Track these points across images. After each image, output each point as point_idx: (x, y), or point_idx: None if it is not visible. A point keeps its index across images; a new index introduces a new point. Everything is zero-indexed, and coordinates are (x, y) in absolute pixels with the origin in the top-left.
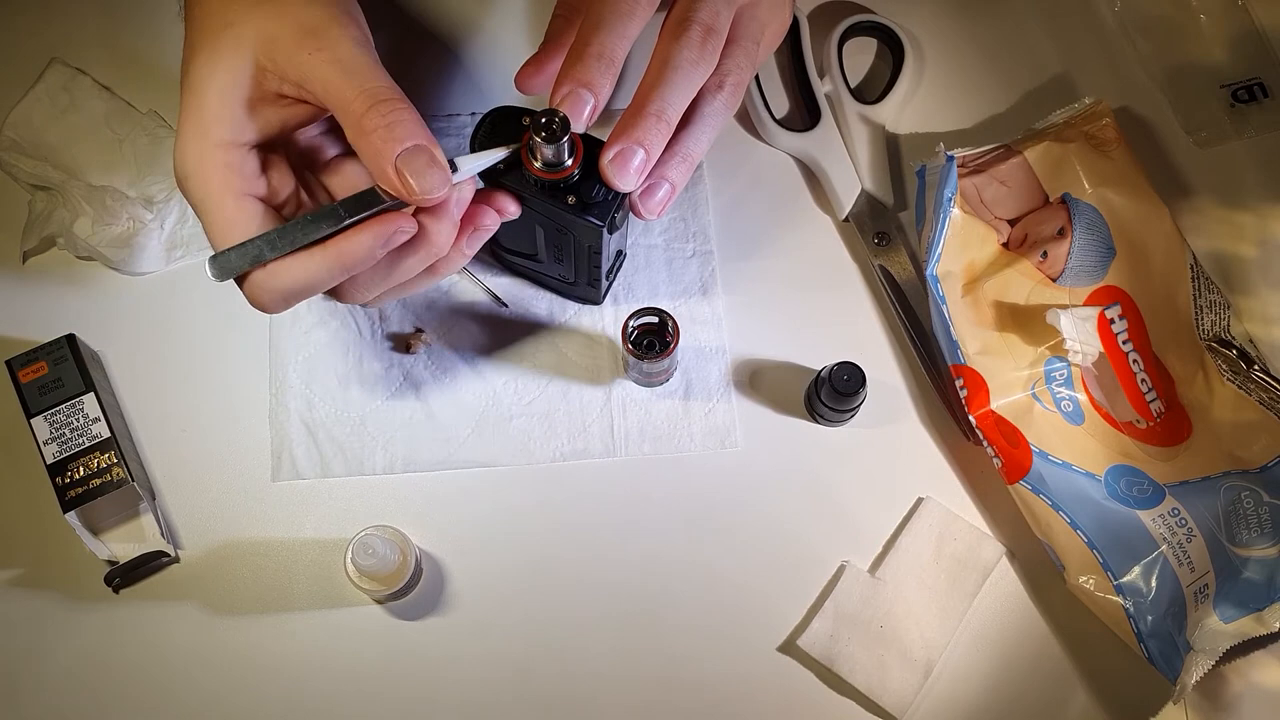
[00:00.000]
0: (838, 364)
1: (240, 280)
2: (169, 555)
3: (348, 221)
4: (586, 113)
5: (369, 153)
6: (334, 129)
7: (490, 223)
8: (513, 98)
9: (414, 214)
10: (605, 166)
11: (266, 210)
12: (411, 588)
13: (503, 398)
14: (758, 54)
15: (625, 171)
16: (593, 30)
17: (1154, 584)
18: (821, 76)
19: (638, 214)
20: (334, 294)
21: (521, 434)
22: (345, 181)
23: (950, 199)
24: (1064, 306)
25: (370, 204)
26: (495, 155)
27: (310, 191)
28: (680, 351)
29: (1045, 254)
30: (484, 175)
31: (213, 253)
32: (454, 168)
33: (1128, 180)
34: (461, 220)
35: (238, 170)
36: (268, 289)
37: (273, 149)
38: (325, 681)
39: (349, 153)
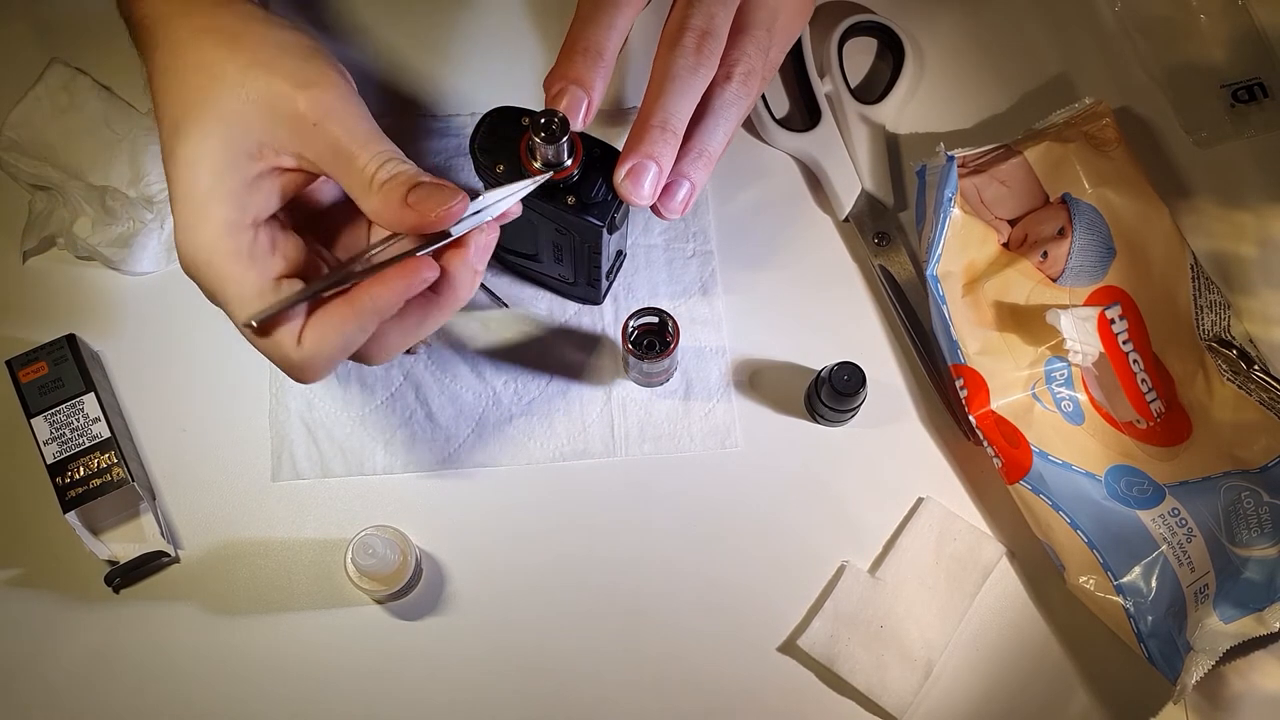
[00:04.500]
0: (838, 364)
1: (262, 335)
2: (169, 555)
3: (370, 266)
4: (582, 110)
5: (379, 205)
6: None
7: (494, 233)
8: (512, 98)
9: (436, 259)
10: (620, 185)
11: (287, 282)
12: (411, 588)
13: (503, 398)
14: (770, 40)
15: (639, 186)
16: (578, 25)
17: (1154, 584)
18: (821, 76)
19: (659, 215)
20: (360, 356)
21: (521, 434)
22: (347, 239)
23: (950, 199)
24: (1064, 306)
25: (372, 253)
26: (521, 186)
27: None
28: (680, 351)
29: (1045, 254)
30: (484, 179)
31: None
32: (475, 197)
33: (1128, 180)
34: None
35: (250, 254)
36: (305, 358)
37: (272, 215)
38: (325, 681)
39: (337, 207)
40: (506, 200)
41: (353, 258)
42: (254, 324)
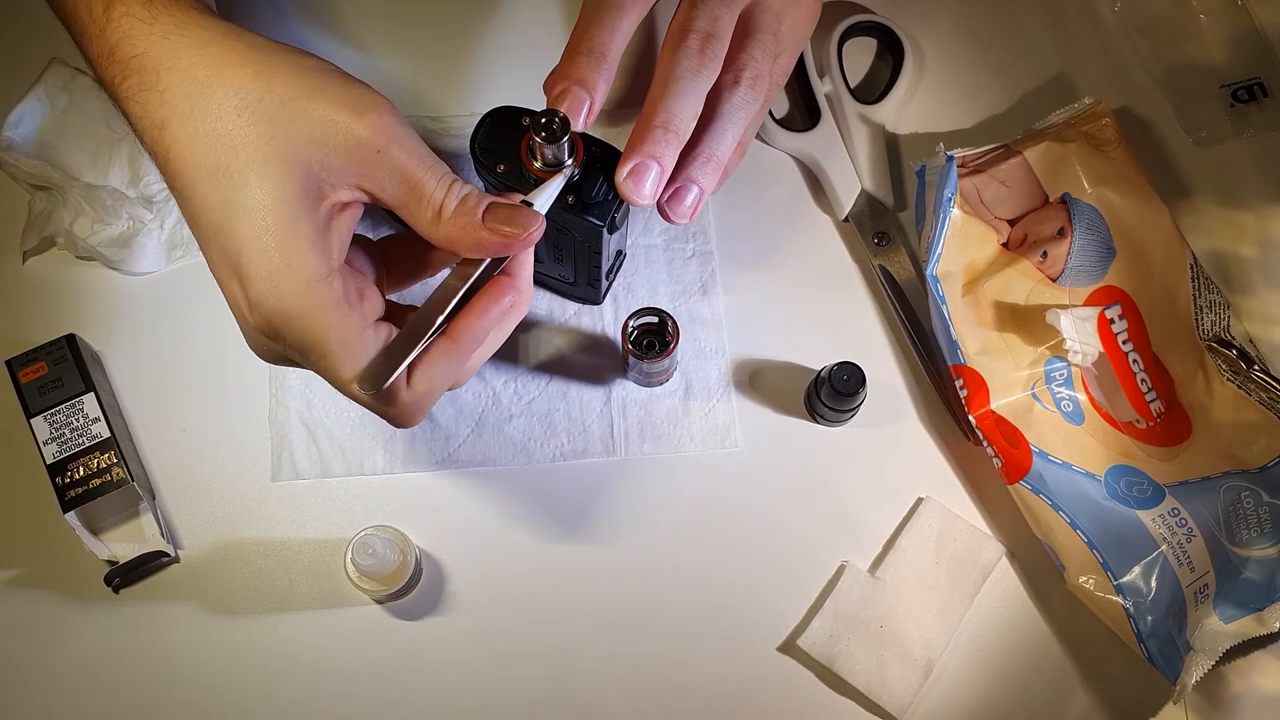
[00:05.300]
0: (838, 364)
1: (385, 402)
2: (169, 555)
3: (458, 300)
4: (584, 111)
5: (454, 232)
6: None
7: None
8: (512, 98)
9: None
10: (622, 184)
11: (385, 326)
12: (411, 588)
13: (503, 398)
14: (777, 45)
15: (641, 186)
16: (583, 27)
17: (1154, 584)
18: (821, 76)
19: (667, 218)
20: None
21: (521, 434)
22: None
23: (950, 199)
24: (1064, 306)
25: (465, 278)
26: (557, 182)
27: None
28: (680, 351)
29: (1045, 254)
30: (484, 179)
31: (356, 372)
32: (528, 204)
33: (1128, 180)
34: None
35: (347, 302)
36: (415, 401)
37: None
38: (325, 681)
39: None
40: (549, 200)
41: (435, 295)
42: (374, 392)
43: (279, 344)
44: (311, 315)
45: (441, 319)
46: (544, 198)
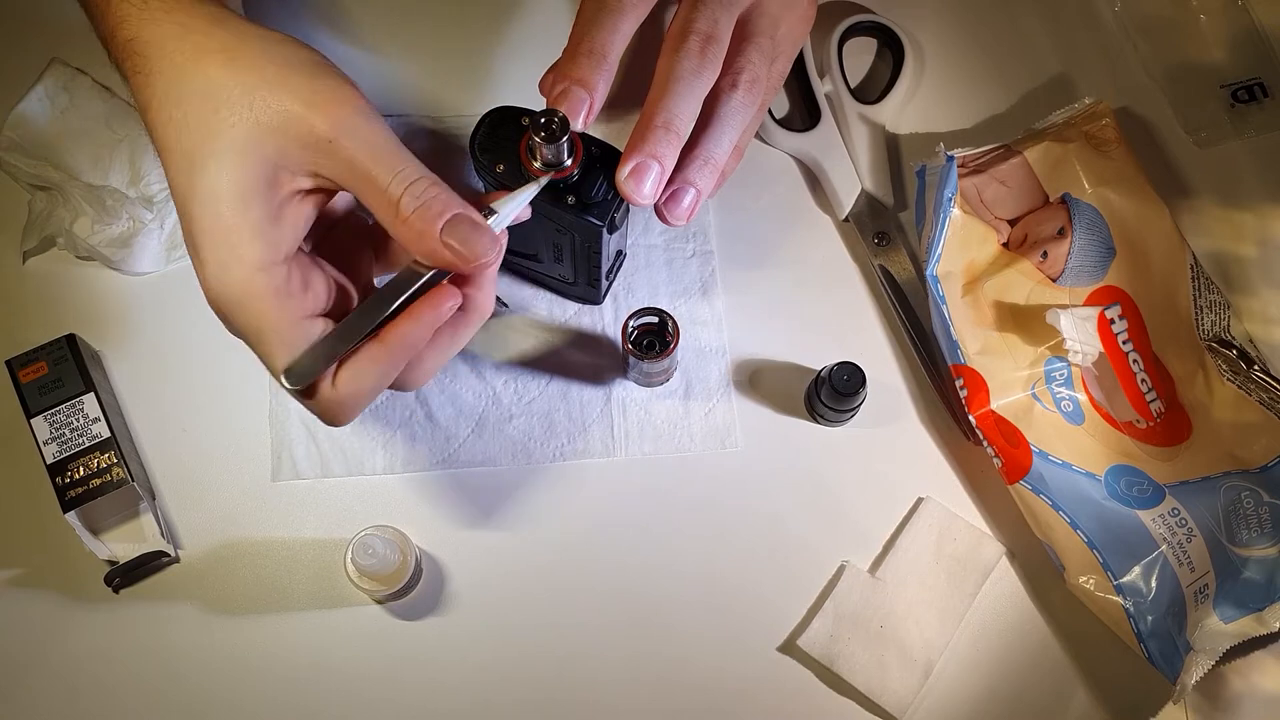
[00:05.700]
0: (838, 364)
1: (307, 396)
2: (169, 555)
3: (397, 304)
4: (583, 111)
5: (410, 235)
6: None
7: (505, 240)
8: (512, 98)
9: (455, 281)
10: (622, 184)
11: (322, 321)
12: (411, 588)
13: (503, 398)
14: (774, 49)
15: (641, 185)
16: (584, 27)
17: (1154, 584)
18: (821, 76)
19: (664, 220)
20: (399, 385)
21: (521, 434)
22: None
23: (950, 199)
24: (1064, 306)
25: (411, 282)
26: (527, 193)
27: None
28: (680, 351)
29: (1045, 254)
30: (484, 179)
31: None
32: (490, 212)
33: (1128, 180)
34: None
35: (287, 292)
36: (340, 400)
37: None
38: (325, 681)
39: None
40: (515, 210)
41: (378, 294)
42: (298, 388)
43: (230, 326)
44: (249, 304)
45: (380, 320)
46: (509, 208)
